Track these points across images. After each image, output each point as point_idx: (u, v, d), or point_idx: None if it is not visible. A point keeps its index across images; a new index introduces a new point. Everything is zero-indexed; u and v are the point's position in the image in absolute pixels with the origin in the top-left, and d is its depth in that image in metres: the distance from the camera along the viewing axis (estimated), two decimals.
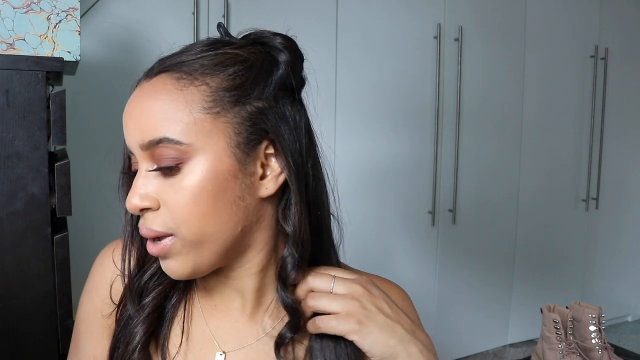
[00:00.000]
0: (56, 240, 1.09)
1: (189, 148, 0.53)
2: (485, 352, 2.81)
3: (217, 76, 0.55)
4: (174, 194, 0.54)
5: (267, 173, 0.57)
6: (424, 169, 2.52)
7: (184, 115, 0.53)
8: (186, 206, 0.54)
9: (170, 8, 1.93)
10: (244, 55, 0.57)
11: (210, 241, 0.56)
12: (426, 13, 2.44)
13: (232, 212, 0.55)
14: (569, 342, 1.43)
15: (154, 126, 0.54)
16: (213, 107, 0.54)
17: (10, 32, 1.09)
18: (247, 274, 0.61)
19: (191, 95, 0.54)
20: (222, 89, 0.55)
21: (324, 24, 2.22)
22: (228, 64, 0.56)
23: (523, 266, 2.85)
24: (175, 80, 0.55)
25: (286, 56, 0.58)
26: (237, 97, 0.55)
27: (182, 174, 0.54)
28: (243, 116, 0.55)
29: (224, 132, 0.54)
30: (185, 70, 0.55)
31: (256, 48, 0.59)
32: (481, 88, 2.61)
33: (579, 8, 2.85)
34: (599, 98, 2.95)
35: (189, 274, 0.57)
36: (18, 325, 1.08)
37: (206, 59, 0.56)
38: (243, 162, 0.55)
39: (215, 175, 0.54)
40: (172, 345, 0.62)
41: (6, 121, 1.04)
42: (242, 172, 0.55)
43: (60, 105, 1.07)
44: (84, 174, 1.57)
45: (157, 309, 0.62)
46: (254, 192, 0.57)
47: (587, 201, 2.99)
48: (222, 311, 0.64)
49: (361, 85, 2.33)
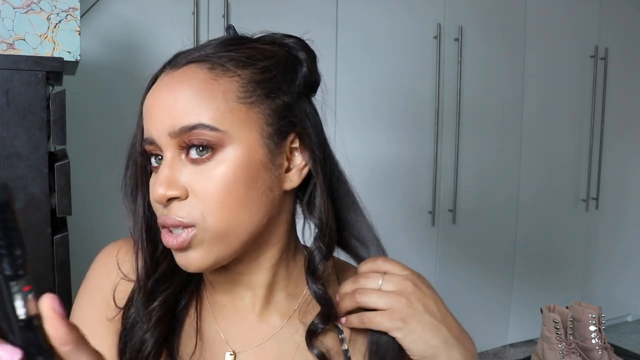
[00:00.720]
0: (56, 240, 1.09)
1: (224, 135, 0.53)
2: (485, 352, 2.81)
3: (247, 69, 0.56)
4: (205, 182, 0.53)
5: (292, 166, 0.58)
6: (424, 169, 2.52)
7: (220, 103, 0.53)
8: (217, 195, 0.53)
9: (170, 8, 1.93)
10: (271, 51, 0.58)
11: (234, 233, 0.54)
12: (426, 13, 2.44)
13: (262, 203, 0.56)
14: (569, 342, 1.43)
15: (188, 112, 0.53)
16: (248, 98, 0.55)
17: (10, 32, 1.09)
18: (259, 269, 0.61)
19: (225, 84, 0.54)
20: (254, 81, 0.56)
21: (324, 24, 2.22)
22: (258, 58, 0.57)
23: (523, 266, 2.85)
24: (207, 70, 0.55)
25: (305, 55, 0.61)
26: (268, 89, 0.56)
27: (215, 161, 0.53)
28: (273, 109, 0.56)
29: (258, 122, 0.55)
30: (217, 62, 0.56)
31: (278, 49, 0.60)
32: (481, 88, 2.61)
33: (579, 8, 2.85)
34: (599, 98, 2.95)
35: (211, 265, 0.55)
36: None
37: (235, 52, 0.57)
38: (273, 152, 0.56)
39: (248, 165, 0.54)
40: (183, 346, 0.60)
41: (6, 121, 1.04)
42: (272, 163, 0.56)
43: (60, 105, 1.07)
44: (84, 174, 1.57)
45: (167, 313, 0.60)
46: (280, 184, 0.58)
47: (587, 201, 2.99)
48: (231, 310, 0.63)
49: (361, 85, 2.33)
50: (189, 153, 0.53)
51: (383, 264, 0.62)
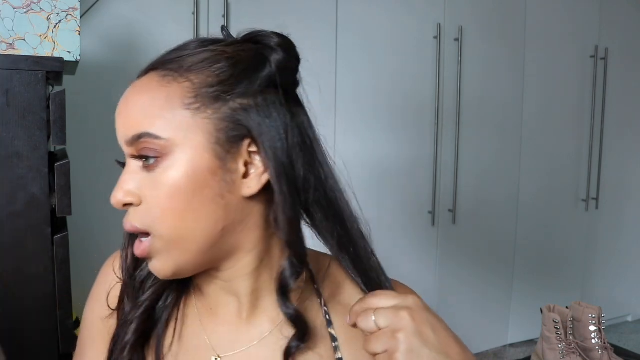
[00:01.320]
0: (56, 240, 1.09)
1: (168, 143, 0.53)
2: (485, 352, 2.81)
3: (201, 73, 0.55)
4: (152, 189, 0.54)
5: (251, 171, 0.56)
6: (424, 169, 2.52)
7: (164, 110, 0.54)
8: (162, 202, 0.54)
9: (170, 8, 1.94)
10: (229, 53, 0.56)
11: (188, 239, 0.55)
12: (426, 13, 2.44)
13: (211, 210, 0.55)
14: (569, 342, 1.43)
15: (136, 122, 0.54)
16: (193, 103, 0.54)
17: (10, 32, 1.09)
18: (239, 275, 0.60)
19: (173, 91, 0.55)
20: (205, 85, 0.55)
21: (324, 24, 2.22)
22: (213, 61, 0.56)
23: (523, 266, 2.85)
24: (160, 78, 0.56)
25: (278, 55, 0.57)
26: (219, 93, 0.55)
27: (161, 169, 0.54)
28: (225, 112, 0.55)
29: (204, 128, 0.54)
30: (171, 68, 0.56)
31: (247, 46, 0.58)
32: (481, 88, 2.61)
33: (579, 8, 2.85)
34: (599, 98, 2.95)
35: (172, 273, 0.57)
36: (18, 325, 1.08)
37: (193, 56, 0.56)
38: (223, 158, 0.55)
39: (193, 172, 0.54)
40: (167, 349, 0.62)
41: (6, 121, 1.04)
42: (221, 169, 0.55)
43: (60, 105, 1.07)
44: (84, 174, 1.57)
45: (150, 308, 0.62)
46: (235, 191, 0.56)
47: (587, 201, 2.99)
48: (218, 315, 0.63)
49: (361, 85, 2.33)
50: (142, 161, 0.55)
51: (372, 301, 0.56)
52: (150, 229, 0.55)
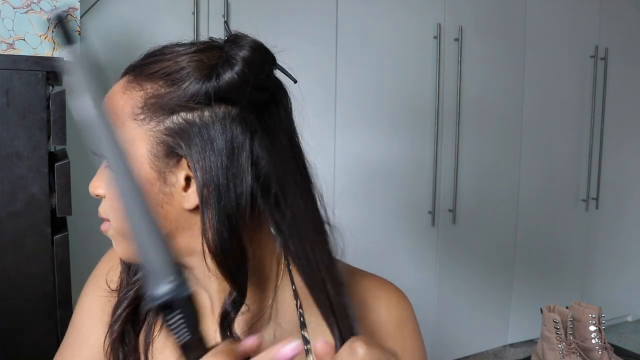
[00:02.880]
0: (56, 240, 1.09)
1: None
2: (485, 352, 2.81)
3: (155, 82, 0.55)
4: (109, 187, 0.59)
5: (191, 186, 0.55)
6: (424, 169, 2.52)
7: (118, 119, 0.56)
8: (112, 201, 0.59)
9: (170, 8, 1.94)
10: (190, 61, 0.55)
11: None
12: (426, 13, 2.44)
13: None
14: (569, 342, 1.43)
15: None
16: (140, 114, 0.55)
17: (10, 32, 1.09)
18: (205, 276, 0.60)
19: (127, 100, 0.56)
20: (155, 95, 0.55)
21: (324, 24, 2.22)
22: (169, 70, 0.55)
23: (523, 266, 2.85)
24: (126, 84, 0.58)
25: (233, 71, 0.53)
26: (163, 106, 0.54)
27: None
28: (166, 126, 0.54)
29: (146, 139, 0.55)
30: (136, 74, 0.57)
31: (214, 53, 0.56)
32: (481, 88, 2.61)
33: (579, 8, 2.85)
34: (599, 98, 2.95)
35: (123, 257, 0.62)
36: (18, 325, 1.08)
37: (155, 63, 0.57)
38: (161, 171, 0.55)
39: None
40: (156, 337, 0.65)
41: (6, 121, 1.04)
42: (160, 181, 0.55)
43: (60, 105, 1.07)
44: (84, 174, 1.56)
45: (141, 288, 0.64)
46: (173, 203, 0.56)
47: (587, 201, 2.99)
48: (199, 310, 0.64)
49: (361, 85, 2.33)
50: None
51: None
52: (108, 218, 0.60)
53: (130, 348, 0.64)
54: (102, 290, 0.68)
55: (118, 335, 0.63)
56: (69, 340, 0.70)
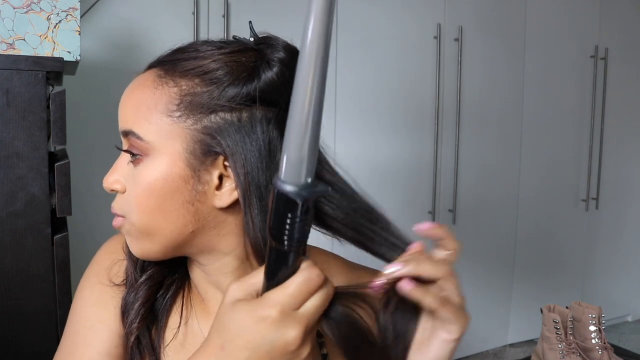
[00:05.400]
0: (56, 240, 1.09)
1: (148, 145, 0.55)
2: (485, 352, 2.81)
3: (192, 80, 0.55)
4: (132, 183, 0.57)
5: (225, 185, 0.56)
6: (424, 169, 2.52)
7: (150, 113, 0.55)
8: (136, 197, 0.57)
9: (170, 8, 1.93)
10: (226, 61, 0.55)
11: (156, 234, 0.57)
12: (426, 13, 2.44)
13: (180, 214, 0.56)
14: (569, 342, 1.43)
15: (127, 117, 0.57)
16: (176, 111, 0.55)
17: (10, 32, 1.09)
18: (221, 272, 0.62)
19: (161, 95, 0.55)
20: (191, 93, 0.55)
21: None
22: (206, 69, 0.55)
23: (523, 266, 2.85)
24: (155, 77, 0.57)
25: (271, 72, 0.54)
26: (202, 104, 0.54)
27: (142, 167, 0.56)
28: (204, 124, 0.54)
29: (182, 137, 0.55)
30: (167, 69, 0.57)
31: (250, 54, 0.56)
32: (481, 88, 2.61)
33: (579, 8, 2.85)
34: (599, 98, 2.95)
35: (139, 255, 0.60)
36: (18, 325, 1.08)
37: (189, 61, 0.56)
38: (197, 169, 0.55)
39: (165, 177, 0.55)
40: (169, 331, 0.65)
41: (6, 121, 1.04)
42: (193, 179, 0.56)
43: (60, 105, 1.07)
44: (84, 174, 1.57)
45: (153, 285, 0.64)
46: (206, 200, 0.56)
47: (587, 201, 2.99)
48: (208, 306, 0.65)
49: (361, 85, 2.33)
50: (130, 154, 0.58)
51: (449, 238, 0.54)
52: (125, 215, 0.58)
53: (145, 346, 0.63)
54: (108, 281, 0.67)
55: (136, 337, 0.63)
56: (79, 334, 0.67)
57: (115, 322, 0.65)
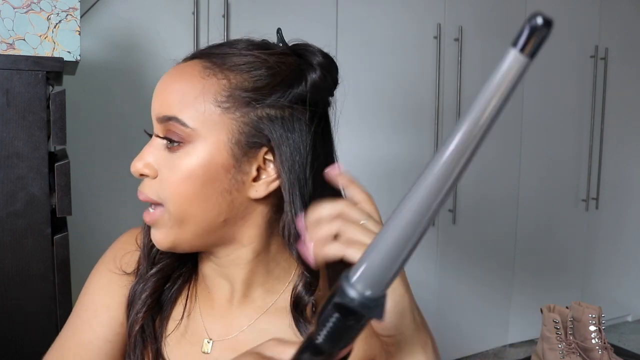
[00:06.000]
0: (56, 240, 1.09)
1: (193, 132, 0.57)
2: (485, 352, 2.81)
3: (240, 75, 0.58)
4: (170, 169, 0.58)
5: (262, 177, 0.59)
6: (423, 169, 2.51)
7: (197, 101, 0.57)
8: (175, 184, 0.58)
9: (170, 8, 1.93)
10: (271, 62, 0.59)
11: (191, 222, 0.59)
12: (426, 13, 2.44)
13: (216, 202, 0.58)
14: (569, 342, 1.43)
15: (170, 104, 0.58)
16: (225, 102, 0.57)
17: (10, 32, 1.09)
18: (234, 264, 0.63)
19: (210, 85, 0.58)
20: (240, 87, 0.58)
21: (324, 24, 2.22)
22: (253, 67, 0.58)
23: (523, 266, 2.85)
24: (202, 68, 0.59)
25: (315, 75, 0.60)
26: (251, 98, 0.57)
27: (182, 153, 0.57)
28: (251, 118, 0.57)
29: (229, 127, 0.57)
30: (215, 61, 0.59)
31: (290, 58, 0.60)
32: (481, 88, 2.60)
33: (579, 8, 2.85)
34: (599, 98, 2.95)
35: (169, 246, 0.61)
36: (18, 325, 1.08)
37: (237, 57, 0.59)
38: (239, 159, 0.58)
39: (208, 164, 0.57)
40: (172, 322, 0.67)
41: (6, 121, 1.04)
42: (235, 169, 0.58)
43: (60, 105, 1.07)
44: (84, 174, 1.57)
45: (162, 278, 0.66)
46: (242, 190, 0.59)
47: (587, 201, 2.99)
48: (214, 299, 0.67)
49: (361, 85, 2.33)
50: (166, 141, 0.59)
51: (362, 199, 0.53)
52: (163, 201, 0.59)
53: (148, 335, 0.65)
54: (118, 270, 0.68)
55: (141, 326, 0.65)
56: (82, 318, 0.69)
57: (118, 310, 0.67)
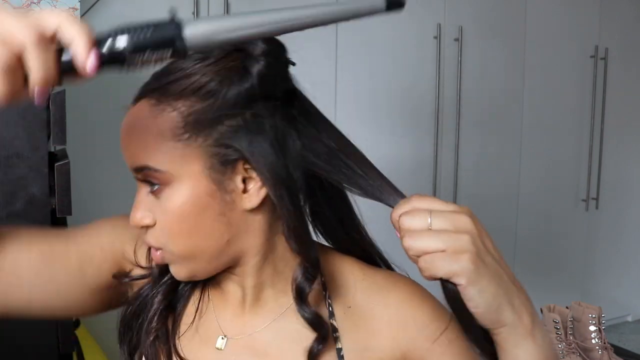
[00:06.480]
0: None
1: (167, 175, 0.56)
2: None
3: (187, 99, 0.55)
4: (161, 214, 0.58)
5: (250, 186, 0.58)
6: (424, 169, 2.52)
7: (158, 144, 0.55)
8: (171, 226, 0.57)
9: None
10: (214, 72, 0.56)
11: (197, 254, 0.59)
12: (426, 13, 2.44)
13: (215, 228, 0.58)
14: (569, 342, 1.43)
15: (136, 154, 0.57)
16: (183, 134, 0.55)
17: None
18: (245, 274, 0.63)
19: (163, 123, 0.56)
20: (192, 112, 0.55)
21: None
22: (198, 84, 0.55)
23: (523, 266, 2.85)
24: (150, 107, 0.57)
25: (260, 65, 0.55)
26: (206, 119, 0.55)
27: (166, 195, 0.57)
28: (215, 138, 0.55)
29: (197, 156, 0.55)
30: (157, 97, 0.57)
31: (233, 57, 0.57)
32: (481, 88, 2.61)
33: (579, 8, 2.85)
34: (599, 98, 2.95)
35: (188, 277, 0.62)
36: (18, 325, 1.08)
37: (179, 81, 0.56)
38: (220, 182, 0.56)
39: (193, 198, 0.56)
40: (184, 322, 0.66)
41: (6, 121, 1.04)
42: (220, 192, 0.57)
43: (60, 105, 1.07)
44: (84, 174, 1.57)
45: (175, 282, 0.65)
46: (235, 207, 0.58)
47: (587, 201, 2.99)
48: (228, 300, 0.66)
49: (361, 85, 2.33)
50: (149, 185, 0.58)
51: (422, 203, 0.54)
52: (163, 246, 0.59)
53: (161, 337, 0.65)
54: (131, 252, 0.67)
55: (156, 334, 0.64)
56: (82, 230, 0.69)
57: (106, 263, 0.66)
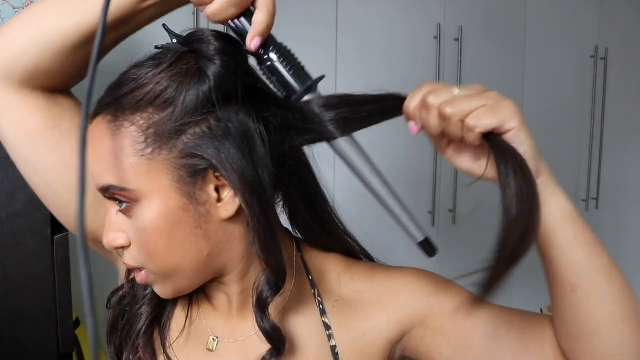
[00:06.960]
0: (56, 240, 1.09)
1: (134, 192, 0.53)
2: None
3: (144, 112, 0.53)
4: (134, 233, 0.55)
5: (224, 195, 0.55)
6: (424, 169, 2.52)
7: (120, 161, 0.53)
8: (147, 245, 0.55)
9: None
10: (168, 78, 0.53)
11: (178, 270, 0.56)
12: (426, 13, 2.44)
13: (192, 242, 0.55)
14: None
15: (101, 174, 0.54)
16: (145, 149, 0.52)
17: None
18: (232, 281, 0.62)
19: (122, 139, 0.53)
20: (152, 125, 0.52)
21: (324, 25, 2.22)
22: (154, 94, 0.53)
23: (523, 266, 2.82)
24: (107, 124, 0.54)
25: (214, 65, 0.53)
26: (167, 131, 0.52)
27: (136, 215, 0.54)
28: (179, 148, 0.52)
29: (164, 170, 0.53)
30: (114, 113, 0.54)
31: (186, 60, 0.55)
32: None
33: (579, 8, 2.85)
34: (599, 98, 2.95)
35: (173, 295, 0.60)
36: (18, 325, 1.08)
37: (133, 93, 0.53)
38: (191, 194, 0.54)
39: (165, 214, 0.53)
40: (173, 331, 0.65)
41: None
42: (193, 204, 0.54)
43: None
44: None
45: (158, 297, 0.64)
46: (211, 218, 0.55)
47: (587, 201, 2.99)
48: (216, 307, 0.66)
49: (360, 85, 2.31)
50: (117, 204, 0.55)
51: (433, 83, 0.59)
52: (143, 265, 0.57)
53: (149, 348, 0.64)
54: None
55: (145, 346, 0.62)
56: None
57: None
